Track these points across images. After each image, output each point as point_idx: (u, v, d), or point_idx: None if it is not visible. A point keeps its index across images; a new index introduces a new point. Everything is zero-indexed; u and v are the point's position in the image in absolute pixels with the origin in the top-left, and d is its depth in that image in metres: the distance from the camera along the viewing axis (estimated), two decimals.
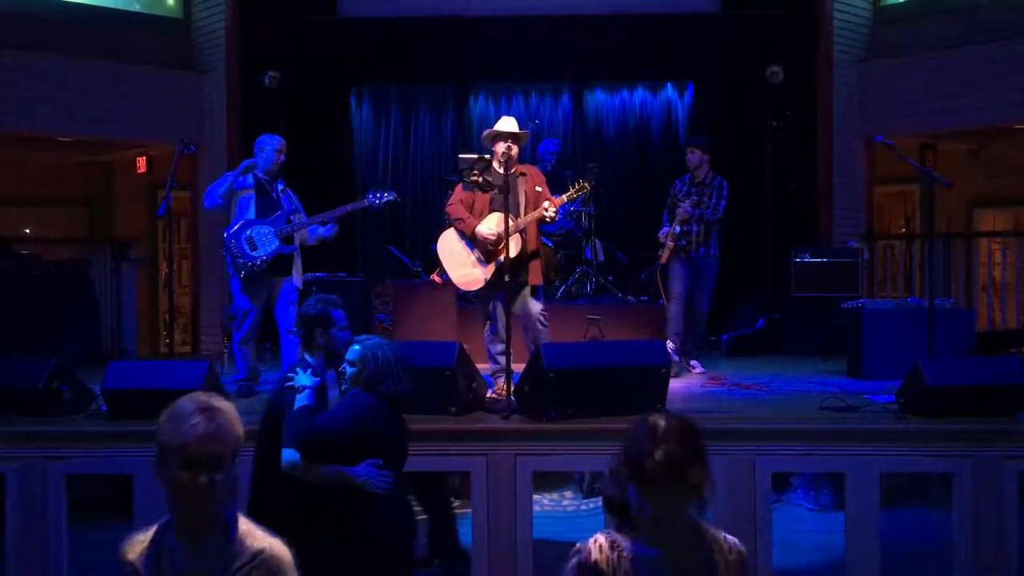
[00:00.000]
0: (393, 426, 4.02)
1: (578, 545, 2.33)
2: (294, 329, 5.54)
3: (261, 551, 2.31)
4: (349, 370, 3.98)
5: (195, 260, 9.91)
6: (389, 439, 3.98)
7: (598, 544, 2.30)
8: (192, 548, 2.28)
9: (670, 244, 7.05)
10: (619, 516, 2.31)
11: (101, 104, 9.10)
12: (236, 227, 6.10)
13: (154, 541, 2.31)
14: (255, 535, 2.34)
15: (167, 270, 7.60)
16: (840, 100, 9.31)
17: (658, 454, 2.18)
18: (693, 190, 7.15)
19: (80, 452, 5.08)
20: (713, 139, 7.42)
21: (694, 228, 7.06)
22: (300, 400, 3.92)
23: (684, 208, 6.97)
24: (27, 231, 10.60)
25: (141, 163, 10.72)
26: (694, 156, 7.19)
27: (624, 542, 2.29)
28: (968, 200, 10.58)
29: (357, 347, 4.03)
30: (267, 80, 9.07)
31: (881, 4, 9.61)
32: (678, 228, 7.02)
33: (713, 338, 8.37)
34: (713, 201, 7.08)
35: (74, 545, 5.14)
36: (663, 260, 7.13)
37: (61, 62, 8.86)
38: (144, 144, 10.28)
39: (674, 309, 7.14)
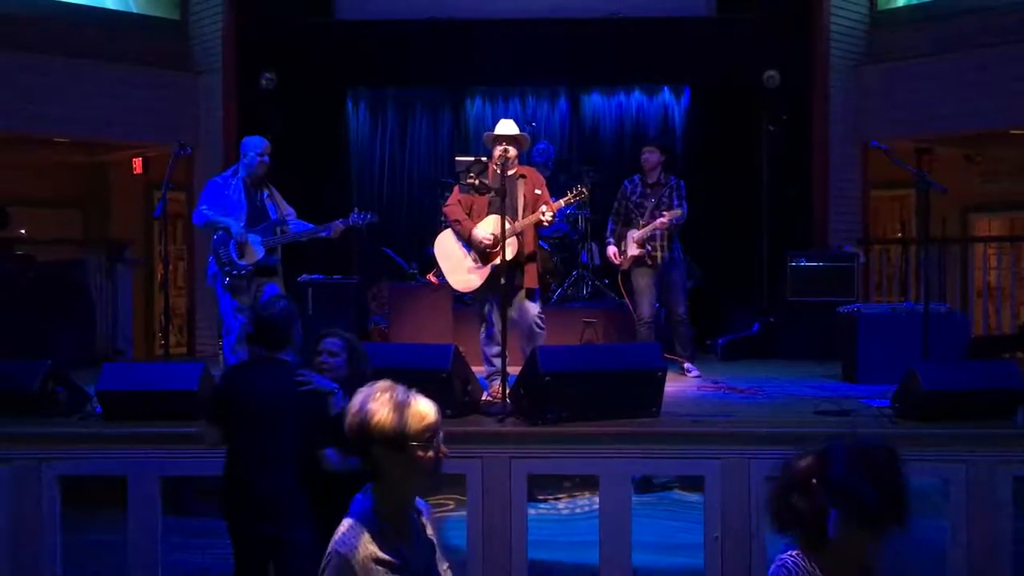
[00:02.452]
0: None
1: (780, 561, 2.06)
2: None
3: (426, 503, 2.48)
4: (333, 360, 4.10)
5: (191, 262, 9.90)
6: None
7: (798, 565, 2.05)
8: (403, 529, 2.36)
9: (636, 251, 6.98)
10: (800, 533, 2.07)
11: (97, 105, 9.08)
12: (227, 234, 6.09)
13: (377, 536, 2.29)
14: None
15: (162, 271, 7.57)
16: (836, 104, 9.32)
17: (881, 494, 1.95)
18: (649, 191, 7.09)
19: (74, 453, 5.06)
20: (708, 143, 7.41)
21: (657, 234, 6.99)
22: (339, 403, 3.92)
23: (664, 219, 6.83)
24: (22, 232, 10.57)
25: (137, 164, 10.71)
26: (653, 156, 7.11)
27: (810, 564, 2.04)
28: (963, 205, 10.60)
29: (336, 338, 4.13)
30: (264, 82, 9.06)
31: (877, 8, 9.63)
32: (656, 233, 6.92)
33: (708, 341, 8.38)
34: (676, 203, 6.99)
35: (67, 547, 5.13)
36: (625, 265, 7.07)
37: (57, 63, 8.84)
38: (140, 145, 10.26)
39: (644, 333, 7.03)
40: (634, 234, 7.03)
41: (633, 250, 7.02)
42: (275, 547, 3.95)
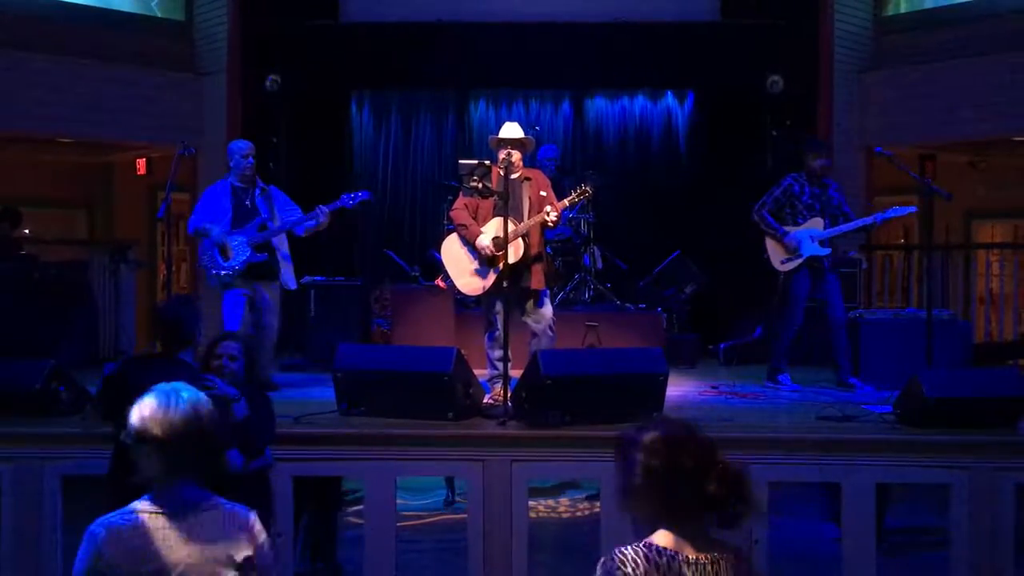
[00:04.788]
0: None
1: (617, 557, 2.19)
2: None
3: None
4: (232, 364, 4.17)
5: (194, 263, 9.90)
6: None
7: (634, 558, 2.19)
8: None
9: (822, 251, 6.63)
10: (715, 517, 2.26)
11: (101, 106, 9.10)
12: (209, 239, 6.19)
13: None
14: None
15: (165, 272, 7.59)
16: (840, 110, 9.32)
17: (712, 477, 2.19)
18: (819, 191, 6.76)
19: (76, 453, 5.06)
20: (712, 148, 7.41)
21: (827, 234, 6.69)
22: (242, 410, 4.00)
23: (865, 221, 6.62)
24: (26, 232, 10.59)
25: (141, 165, 10.73)
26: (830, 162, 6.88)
27: (658, 548, 2.22)
28: (967, 211, 10.60)
29: (234, 343, 4.23)
30: (268, 83, 9.08)
31: (882, 15, 9.64)
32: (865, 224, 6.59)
33: (711, 346, 8.38)
34: (846, 207, 6.80)
35: (69, 546, 5.12)
36: (788, 268, 6.70)
37: (62, 63, 8.86)
38: (144, 146, 10.29)
39: (788, 341, 6.76)
40: (815, 232, 6.62)
41: (816, 250, 6.63)
42: None
